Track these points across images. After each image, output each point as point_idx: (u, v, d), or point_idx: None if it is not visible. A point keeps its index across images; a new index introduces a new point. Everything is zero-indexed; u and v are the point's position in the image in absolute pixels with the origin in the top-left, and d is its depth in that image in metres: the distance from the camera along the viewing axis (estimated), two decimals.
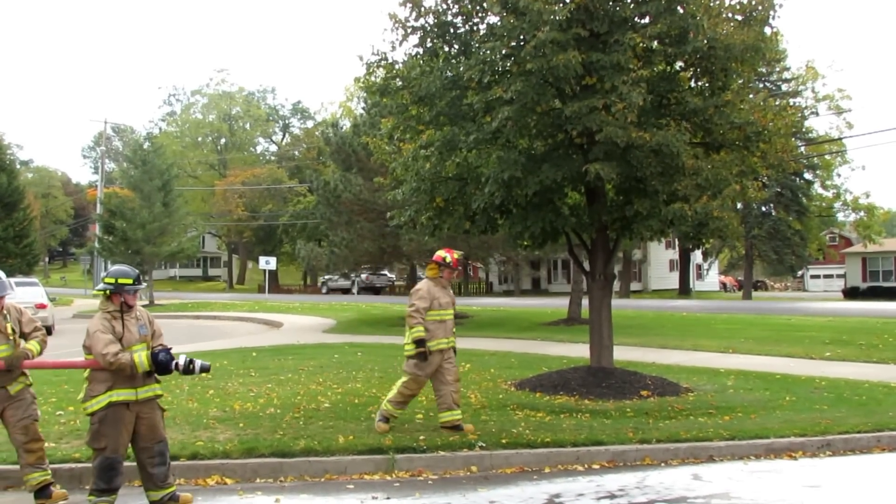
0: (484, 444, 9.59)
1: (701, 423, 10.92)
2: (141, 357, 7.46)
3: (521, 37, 12.19)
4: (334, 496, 8.23)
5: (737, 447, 9.95)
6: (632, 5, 12.74)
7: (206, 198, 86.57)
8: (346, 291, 65.26)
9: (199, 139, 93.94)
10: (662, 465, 9.54)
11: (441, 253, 10.53)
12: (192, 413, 11.31)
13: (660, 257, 72.70)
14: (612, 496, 8.17)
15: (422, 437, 9.79)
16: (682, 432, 10.22)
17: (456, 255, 10.59)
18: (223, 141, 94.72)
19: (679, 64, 13.38)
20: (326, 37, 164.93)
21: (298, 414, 11.21)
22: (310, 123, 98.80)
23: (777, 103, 15.80)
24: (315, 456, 9.12)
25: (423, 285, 10.35)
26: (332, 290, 66.39)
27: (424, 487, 8.52)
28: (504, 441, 9.74)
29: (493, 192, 12.72)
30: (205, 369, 7.87)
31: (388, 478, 8.89)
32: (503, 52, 12.45)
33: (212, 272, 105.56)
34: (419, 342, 10.01)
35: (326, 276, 66.20)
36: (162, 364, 7.60)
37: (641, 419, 11.08)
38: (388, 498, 8.10)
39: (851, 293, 47.40)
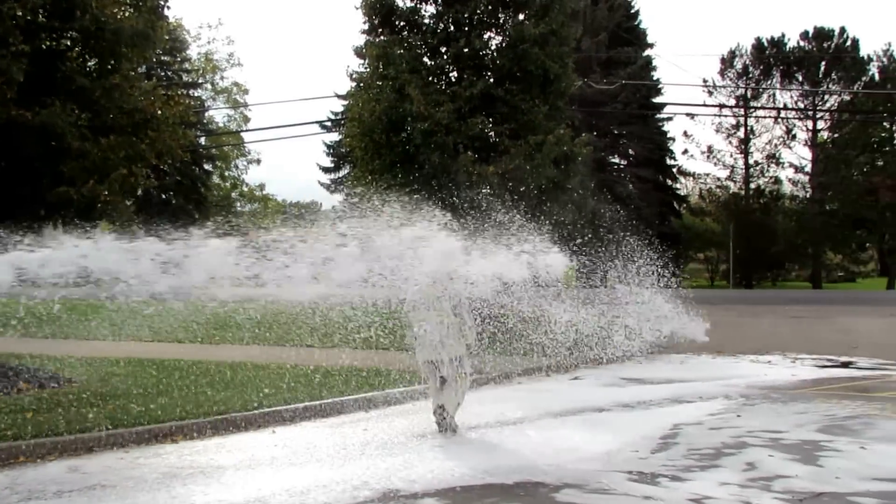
0: None
1: (83, 413, 10.57)
2: None
3: None
4: None
5: (119, 435, 9.83)
6: None
7: None
8: None
9: None
10: (39, 461, 9.06)
11: None
12: None
13: None
14: None
15: None
16: (62, 425, 9.82)
17: None
18: None
19: (68, 42, 12.86)
20: None
21: None
22: None
23: (166, 93, 15.83)
24: None
25: None
26: None
27: None
28: None
29: None
30: None
31: None
32: None
33: None
34: None
35: None
36: None
37: (18, 415, 10.36)
38: None
39: None
